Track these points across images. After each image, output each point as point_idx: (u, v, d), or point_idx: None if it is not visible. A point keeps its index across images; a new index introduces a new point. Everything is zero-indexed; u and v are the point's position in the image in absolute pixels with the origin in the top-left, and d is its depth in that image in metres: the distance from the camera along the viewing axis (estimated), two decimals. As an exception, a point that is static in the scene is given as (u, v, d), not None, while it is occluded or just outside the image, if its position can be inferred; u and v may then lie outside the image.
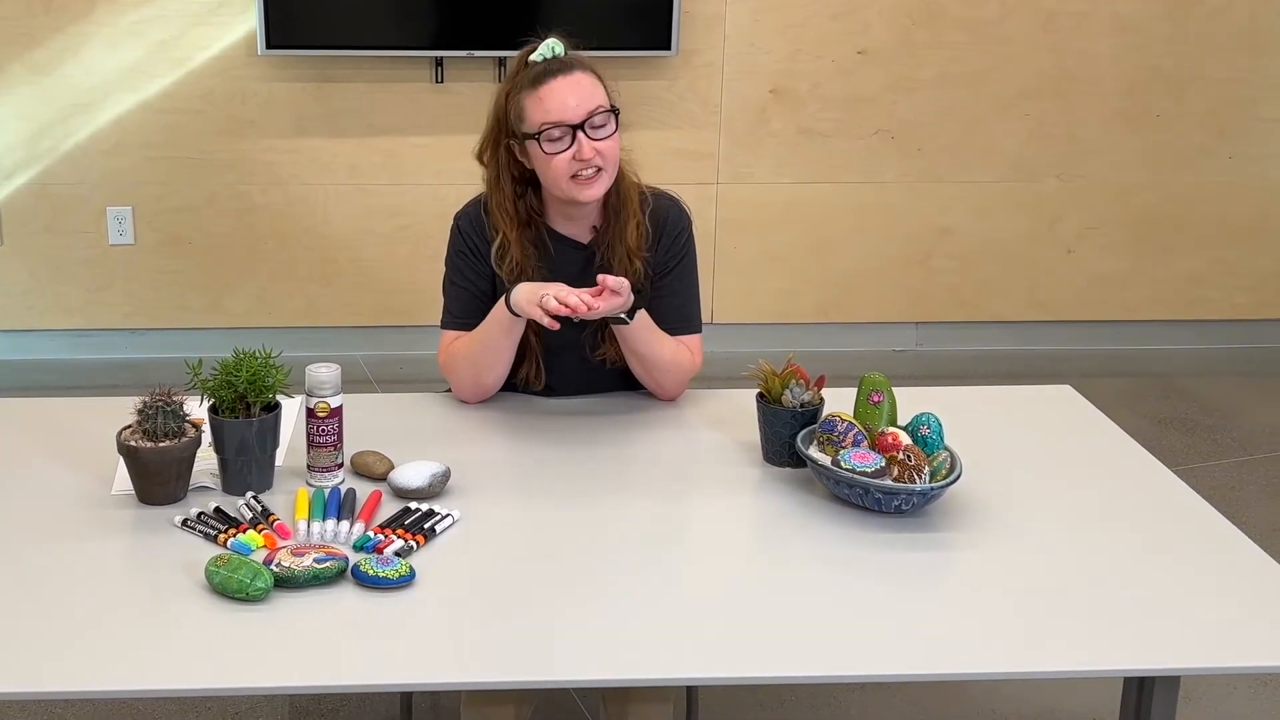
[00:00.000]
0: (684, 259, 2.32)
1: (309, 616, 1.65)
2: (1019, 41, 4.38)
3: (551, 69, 2.15)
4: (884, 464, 1.91)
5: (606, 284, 2.07)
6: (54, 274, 4.33)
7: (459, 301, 2.29)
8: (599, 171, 2.16)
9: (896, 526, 1.90)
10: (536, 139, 2.15)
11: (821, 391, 2.10)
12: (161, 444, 1.89)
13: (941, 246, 4.58)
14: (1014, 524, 1.92)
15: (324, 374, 1.98)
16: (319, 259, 4.40)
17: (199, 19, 4.13)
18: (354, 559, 1.75)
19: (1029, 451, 2.18)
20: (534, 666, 1.58)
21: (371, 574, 1.70)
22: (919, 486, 1.88)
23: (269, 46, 4.06)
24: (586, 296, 2.05)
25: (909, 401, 2.10)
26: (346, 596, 1.69)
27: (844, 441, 1.97)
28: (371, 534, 1.83)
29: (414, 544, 1.81)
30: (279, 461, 2.02)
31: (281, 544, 1.80)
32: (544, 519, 1.91)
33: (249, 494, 1.94)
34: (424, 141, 4.31)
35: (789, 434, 2.05)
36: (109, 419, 2.01)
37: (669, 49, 4.20)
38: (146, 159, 4.25)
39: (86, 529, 1.85)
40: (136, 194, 4.28)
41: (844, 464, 1.92)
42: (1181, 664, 1.63)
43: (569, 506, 1.95)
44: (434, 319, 2.35)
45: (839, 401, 2.10)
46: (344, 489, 1.96)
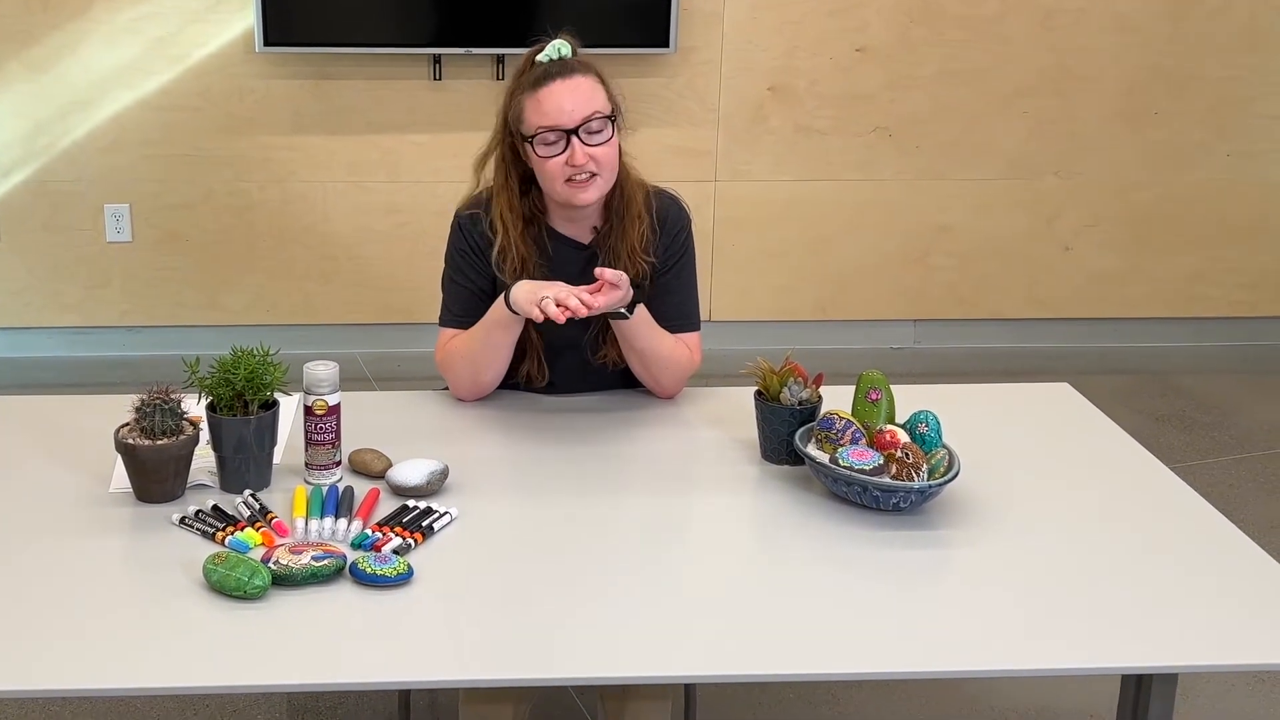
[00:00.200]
0: (683, 257, 2.32)
1: (307, 614, 1.65)
2: (1018, 39, 4.38)
3: (552, 72, 2.15)
4: (882, 462, 1.91)
5: (604, 277, 2.07)
6: (51, 271, 4.33)
7: (458, 299, 2.29)
8: (593, 177, 2.16)
9: (894, 524, 1.90)
10: (532, 141, 2.15)
11: (820, 389, 2.10)
12: (159, 442, 1.89)
13: (940, 244, 4.58)
14: (1012, 522, 1.92)
15: (322, 372, 1.98)
16: (317, 256, 4.40)
17: (196, 16, 4.13)
18: (352, 557, 1.75)
19: (1027, 449, 2.18)
20: (532, 664, 1.58)
21: (369, 572, 1.70)
22: (917, 484, 1.88)
23: (267, 44, 4.06)
24: (585, 295, 2.06)
25: (907, 399, 2.10)
26: (344, 594, 1.69)
27: (842, 439, 1.97)
28: (369, 532, 1.83)
29: (412, 542, 1.81)
30: (277, 459, 2.02)
31: (279, 542, 1.80)
32: (542, 517, 1.91)
33: (247, 492, 1.94)
34: (422, 139, 4.31)
35: (787, 432, 2.05)
36: (107, 417, 2.01)
37: (667, 46, 4.20)
38: (144, 156, 4.25)
39: (84, 527, 1.85)
40: (134, 191, 4.28)
41: (842, 462, 1.92)
42: (1179, 661, 1.63)
43: (567, 504, 1.95)
44: (432, 317, 2.35)
45: (837, 399, 2.10)
46: (342, 487, 1.96)
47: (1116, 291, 4.68)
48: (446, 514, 1.89)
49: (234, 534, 1.81)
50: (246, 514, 1.88)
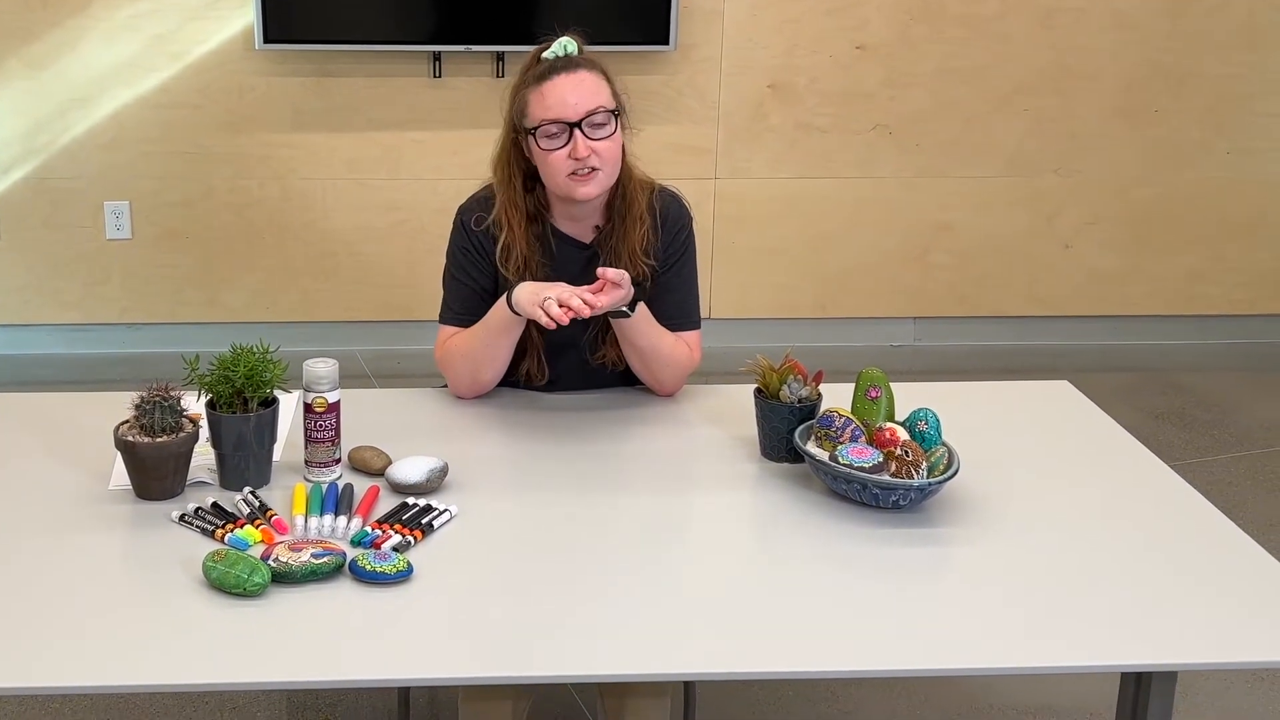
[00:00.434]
0: (684, 254, 2.32)
1: (306, 612, 1.65)
2: (1018, 37, 4.38)
3: (557, 66, 2.16)
4: (881, 459, 1.91)
5: (606, 276, 2.07)
6: (51, 269, 4.33)
7: (459, 297, 2.29)
8: (594, 171, 2.16)
9: (894, 522, 1.90)
10: (535, 134, 2.16)
11: (819, 387, 2.10)
12: (159, 439, 1.89)
13: (940, 242, 4.58)
14: (1011, 519, 1.92)
15: (322, 369, 1.98)
16: (317, 254, 4.40)
17: (196, 13, 4.13)
18: (351, 554, 1.75)
19: (1027, 447, 2.18)
20: (532, 661, 1.58)
21: (369, 569, 1.70)
22: (916, 482, 1.88)
23: (266, 41, 4.06)
24: (588, 295, 2.06)
25: (907, 397, 2.10)
26: (344, 592, 1.69)
27: (841, 437, 1.97)
28: (369, 529, 1.83)
29: (411, 539, 1.81)
30: (276, 457, 2.02)
31: (279, 539, 1.80)
32: (541, 514, 1.91)
33: (246, 489, 1.94)
34: (422, 136, 4.31)
35: (787, 429, 2.05)
36: (106, 414, 2.01)
37: (667, 44, 4.20)
38: (144, 154, 4.25)
39: (84, 524, 1.85)
40: (134, 189, 4.28)
41: (841, 459, 1.92)
42: (1178, 659, 1.63)
43: (566, 502, 1.95)
44: (431, 314, 2.34)
45: (837, 397, 2.09)
46: (341, 484, 1.96)
47: (1116, 289, 4.68)
48: (446, 511, 1.89)
49: (233, 531, 1.81)
50: (246, 511, 1.89)
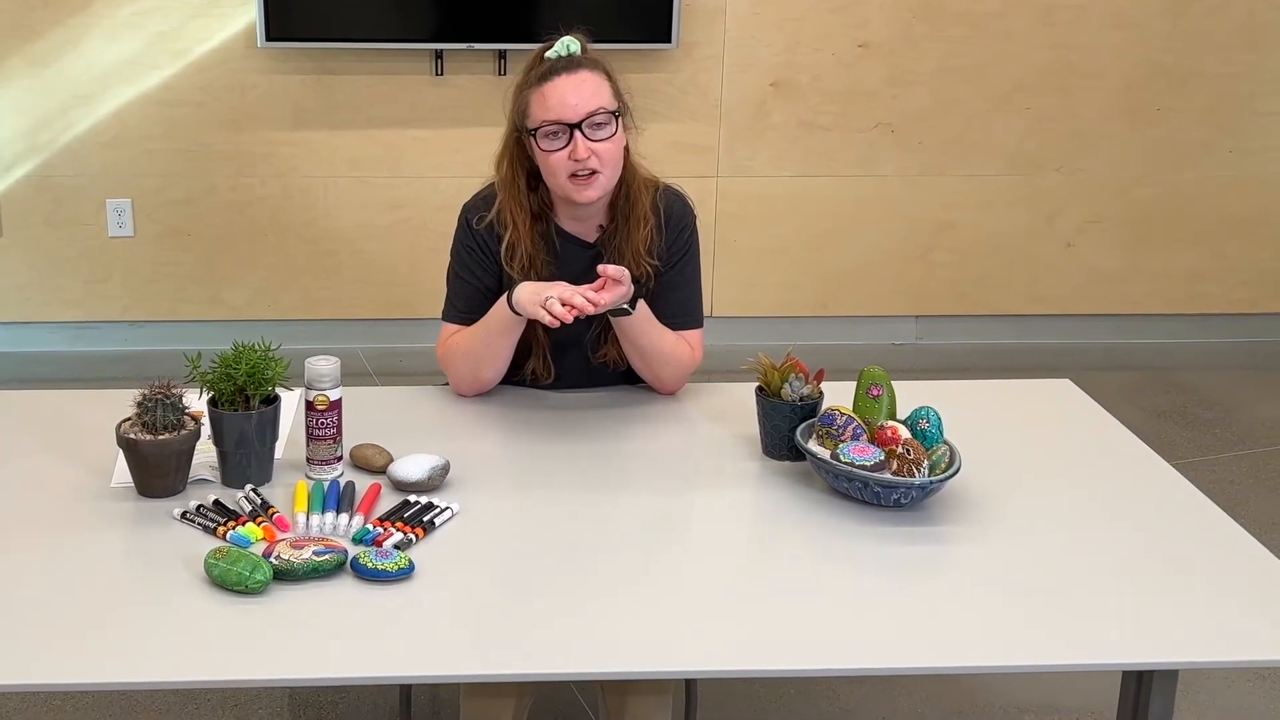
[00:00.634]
0: (687, 253, 2.31)
1: (308, 609, 1.65)
2: (1019, 35, 4.38)
3: (559, 66, 2.15)
4: (883, 458, 1.91)
5: (607, 273, 2.07)
6: (53, 266, 4.33)
7: (462, 295, 2.29)
8: (594, 174, 2.15)
9: (895, 520, 1.90)
10: (535, 135, 2.15)
11: (821, 385, 2.10)
12: (161, 437, 1.89)
13: (941, 240, 4.58)
14: (1013, 518, 1.92)
15: (323, 367, 1.98)
16: (319, 252, 4.40)
17: (198, 11, 4.13)
18: (353, 552, 1.75)
19: (1028, 445, 2.18)
20: (533, 659, 1.58)
21: (370, 567, 1.70)
22: (918, 480, 1.88)
23: (269, 39, 4.06)
24: (590, 294, 2.06)
25: (908, 395, 2.10)
26: (345, 589, 1.70)
27: (843, 435, 1.97)
28: (370, 527, 1.83)
29: (413, 537, 1.81)
30: (278, 454, 2.02)
31: (280, 537, 1.80)
32: (543, 512, 1.91)
33: (248, 487, 1.94)
34: (424, 134, 4.31)
35: (788, 428, 2.05)
36: (108, 411, 2.02)
37: (669, 42, 4.20)
38: (146, 151, 4.25)
39: (85, 522, 1.85)
40: (136, 186, 4.28)
41: (843, 458, 1.92)
42: (1180, 658, 1.63)
43: (568, 500, 1.95)
44: (433, 312, 2.34)
45: (838, 395, 2.10)
46: (343, 482, 1.96)
47: (1117, 288, 4.68)
48: (448, 509, 1.89)
49: (235, 529, 1.81)
50: (248, 509, 1.89)
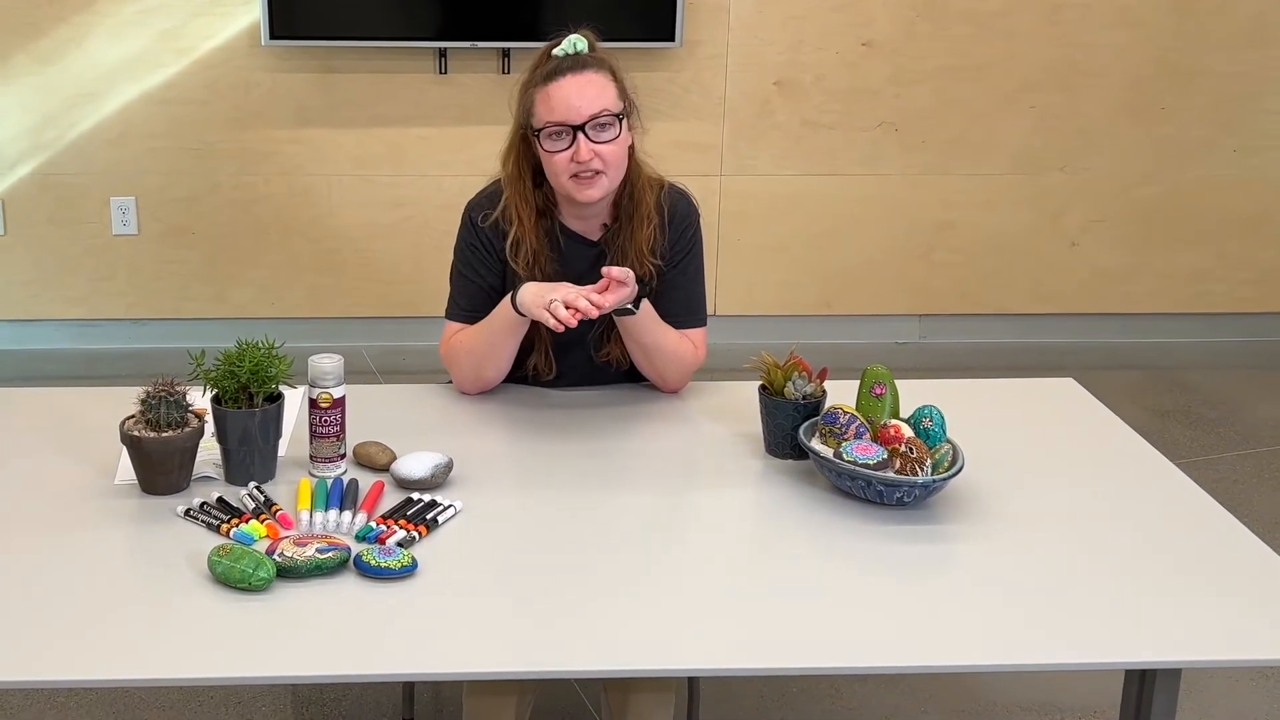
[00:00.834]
0: (690, 252, 2.31)
1: (311, 607, 1.65)
2: (1023, 34, 4.37)
3: (564, 66, 2.15)
4: (886, 456, 1.91)
5: (611, 275, 2.07)
6: (57, 264, 4.34)
7: (466, 294, 2.29)
8: (597, 175, 2.15)
9: (898, 519, 1.90)
10: (539, 135, 2.15)
11: (824, 384, 2.10)
12: (164, 434, 1.89)
13: (945, 239, 4.58)
14: (1016, 517, 1.92)
15: (327, 365, 1.98)
16: (322, 250, 4.41)
17: (202, 9, 4.13)
18: (356, 549, 1.75)
19: (1031, 444, 2.18)
20: (535, 657, 1.58)
21: (374, 564, 1.70)
22: (921, 479, 1.88)
23: (273, 37, 4.06)
24: (594, 296, 2.06)
25: (911, 394, 2.11)
26: (348, 587, 1.70)
27: (846, 434, 1.97)
28: (374, 524, 1.83)
29: (416, 535, 1.81)
30: (281, 452, 2.02)
31: (284, 534, 1.81)
32: (546, 510, 1.91)
33: (251, 484, 1.94)
34: (427, 132, 4.31)
35: (791, 426, 2.05)
36: (112, 409, 2.02)
37: (673, 40, 4.20)
38: (150, 149, 4.25)
39: (89, 519, 1.86)
40: (140, 184, 4.29)
41: (846, 456, 1.92)
42: (1183, 657, 1.63)
43: (571, 498, 1.95)
44: (436, 310, 2.35)
45: (841, 394, 2.10)
46: (346, 479, 1.96)
47: (1122, 287, 4.68)
48: (451, 507, 1.89)
49: (239, 526, 1.81)
50: (251, 506, 1.89)
